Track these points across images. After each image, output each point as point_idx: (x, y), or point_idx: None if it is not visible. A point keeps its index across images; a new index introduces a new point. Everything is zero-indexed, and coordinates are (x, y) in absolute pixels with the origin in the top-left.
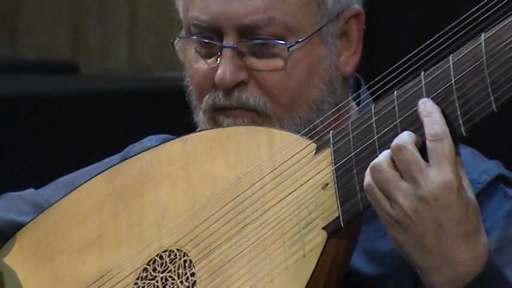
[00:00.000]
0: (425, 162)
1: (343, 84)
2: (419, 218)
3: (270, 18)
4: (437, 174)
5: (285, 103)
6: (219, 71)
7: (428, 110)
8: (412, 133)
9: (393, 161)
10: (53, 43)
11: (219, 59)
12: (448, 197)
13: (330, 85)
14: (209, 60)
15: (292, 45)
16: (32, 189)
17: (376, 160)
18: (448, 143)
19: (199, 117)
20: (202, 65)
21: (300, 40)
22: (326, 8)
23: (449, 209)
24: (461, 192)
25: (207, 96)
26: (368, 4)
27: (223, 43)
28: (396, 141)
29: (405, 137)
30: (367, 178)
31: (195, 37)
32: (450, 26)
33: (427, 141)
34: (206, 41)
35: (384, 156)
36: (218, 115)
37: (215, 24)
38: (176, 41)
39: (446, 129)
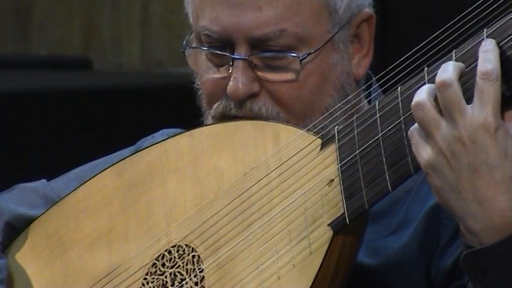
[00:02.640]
0: (466, 104)
1: (356, 87)
2: (455, 160)
3: (281, 30)
4: (476, 115)
5: (298, 112)
6: (231, 83)
7: (488, 47)
8: (459, 64)
9: (436, 100)
10: (65, 39)
11: (230, 69)
12: (485, 140)
13: (342, 92)
14: (221, 69)
15: (305, 58)
16: (44, 180)
17: (419, 98)
18: (496, 85)
19: (208, 121)
20: (213, 73)
21: (312, 52)
22: (337, 16)
23: (486, 153)
24: (500, 137)
25: (217, 104)
26: (381, 1)
27: (235, 54)
28: (442, 76)
29: (451, 75)
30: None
31: (205, 48)
32: (452, 22)
33: (477, 78)
34: (218, 52)
35: (426, 95)
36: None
37: (226, 35)
38: (187, 50)
39: (499, 72)
